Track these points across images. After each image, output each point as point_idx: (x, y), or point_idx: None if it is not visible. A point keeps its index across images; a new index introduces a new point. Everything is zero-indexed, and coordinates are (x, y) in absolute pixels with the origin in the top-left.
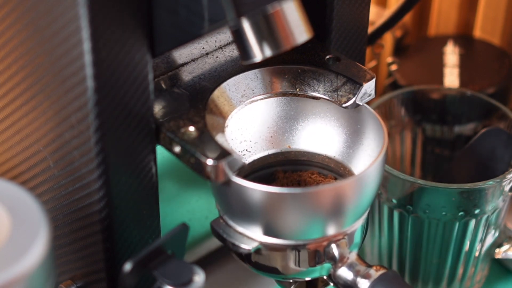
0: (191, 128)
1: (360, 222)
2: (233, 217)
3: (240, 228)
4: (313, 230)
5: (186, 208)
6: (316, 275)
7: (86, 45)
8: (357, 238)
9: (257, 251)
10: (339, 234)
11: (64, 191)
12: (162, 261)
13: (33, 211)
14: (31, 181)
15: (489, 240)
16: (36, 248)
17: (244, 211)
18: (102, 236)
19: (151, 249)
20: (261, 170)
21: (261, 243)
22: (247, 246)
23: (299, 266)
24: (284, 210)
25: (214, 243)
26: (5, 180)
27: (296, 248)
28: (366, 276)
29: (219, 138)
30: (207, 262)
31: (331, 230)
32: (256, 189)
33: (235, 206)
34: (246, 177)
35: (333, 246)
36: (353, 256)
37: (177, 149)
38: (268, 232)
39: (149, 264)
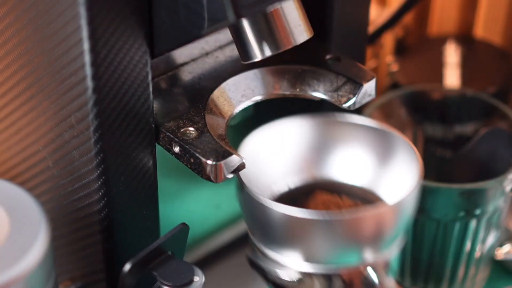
0: (191, 128)
1: (398, 247)
2: (273, 247)
3: (279, 258)
4: (353, 256)
5: (186, 208)
6: None
7: (86, 45)
8: (395, 263)
9: (299, 281)
10: (378, 260)
11: (64, 191)
12: (162, 261)
13: (33, 211)
14: (30, 181)
15: (490, 240)
16: (36, 248)
17: (286, 239)
18: (102, 237)
19: (150, 249)
20: (291, 201)
21: (302, 273)
22: (289, 277)
23: None
24: (327, 237)
25: (214, 243)
26: (4, 180)
27: (335, 276)
28: None
29: (218, 138)
30: (207, 263)
31: (370, 256)
32: (307, 217)
33: (276, 235)
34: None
35: (371, 272)
36: (391, 282)
37: (176, 149)
38: (310, 260)
39: (149, 264)
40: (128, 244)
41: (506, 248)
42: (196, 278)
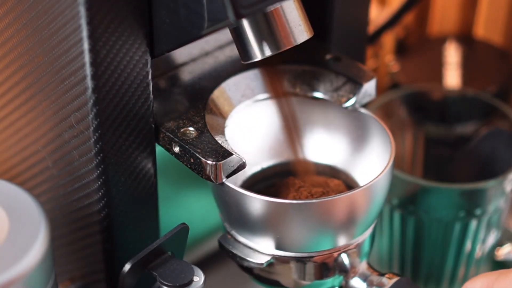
0: (191, 128)
1: (370, 230)
2: (242, 232)
3: (250, 243)
4: (324, 241)
5: (185, 208)
6: (327, 286)
7: (86, 45)
8: (367, 247)
9: (268, 265)
10: (350, 244)
11: (63, 191)
12: (161, 261)
13: (32, 211)
14: (30, 181)
15: (491, 241)
16: (35, 248)
17: (255, 224)
18: (102, 237)
19: (150, 249)
20: (264, 181)
21: (272, 257)
22: (258, 260)
23: (310, 279)
24: (297, 222)
25: (214, 243)
26: (4, 180)
27: (308, 260)
28: (379, 285)
29: (218, 138)
30: (207, 263)
31: (342, 241)
32: (270, 201)
33: (245, 220)
34: (250, 188)
35: (344, 256)
36: (363, 265)
37: (176, 149)
38: (279, 245)
39: (149, 264)
40: (128, 244)
41: (507, 248)
42: (196, 278)
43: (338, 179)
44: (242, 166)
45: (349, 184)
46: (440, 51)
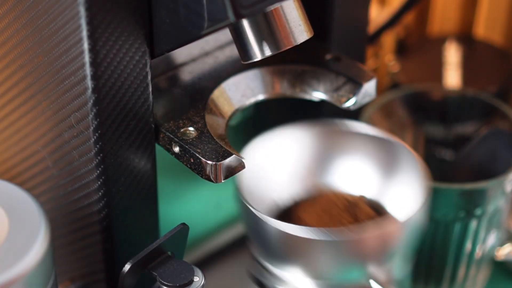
0: (191, 128)
1: (407, 263)
2: (273, 262)
3: (281, 273)
4: (357, 273)
5: (186, 208)
6: None
7: (86, 44)
8: (406, 283)
9: None
10: (383, 275)
11: (63, 191)
12: (161, 261)
13: (32, 211)
14: (30, 181)
15: (491, 241)
16: (35, 248)
17: (289, 256)
18: (101, 237)
19: (150, 249)
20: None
21: None
22: None
23: None
24: (333, 255)
25: (213, 243)
26: (3, 180)
27: None
28: None
29: (218, 138)
30: (207, 263)
31: (375, 272)
32: (307, 237)
33: (278, 251)
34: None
35: (377, 286)
36: None
37: (176, 149)
38: (313, 276)
39: (149, 264)
40: (128, 244)
41: (507, 248)
42: (196, 278)
43: (369, 208)
44: (241, 166)
45: (380, 213)
46: (440, 51)
